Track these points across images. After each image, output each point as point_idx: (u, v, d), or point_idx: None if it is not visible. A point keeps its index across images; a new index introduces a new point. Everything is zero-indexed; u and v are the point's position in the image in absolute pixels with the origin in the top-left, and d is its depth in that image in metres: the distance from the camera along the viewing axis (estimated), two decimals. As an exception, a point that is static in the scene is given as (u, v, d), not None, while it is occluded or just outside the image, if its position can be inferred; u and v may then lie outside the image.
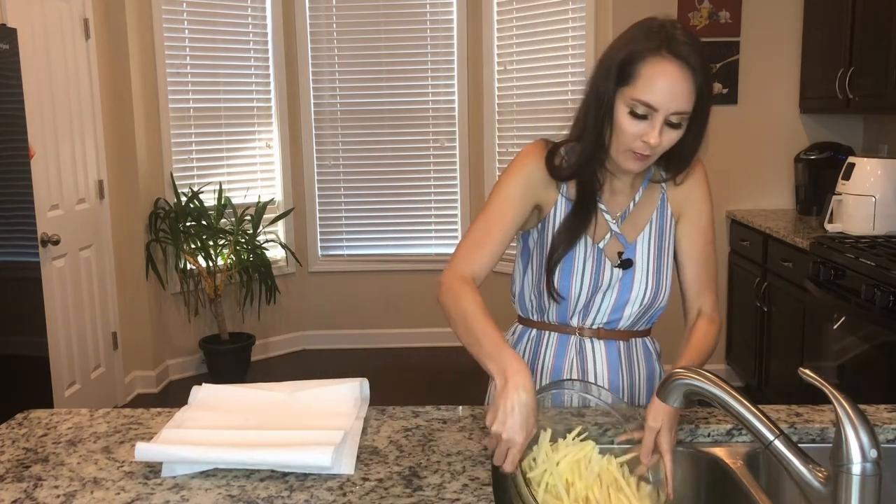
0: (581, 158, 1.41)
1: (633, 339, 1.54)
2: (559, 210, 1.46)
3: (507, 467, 1.15)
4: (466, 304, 1.34)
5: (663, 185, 1.50)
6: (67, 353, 3.71)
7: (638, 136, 1.31)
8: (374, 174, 5.13)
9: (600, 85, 1.34)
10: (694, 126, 1.34)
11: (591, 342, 1.51)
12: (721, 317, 1.54)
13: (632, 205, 1.48)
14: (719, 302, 1.49)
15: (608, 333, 1.51)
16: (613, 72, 1.32)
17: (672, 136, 1.32)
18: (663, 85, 1.27)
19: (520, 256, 1.56)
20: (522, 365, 1.20)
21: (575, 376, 1.52)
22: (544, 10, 4.62)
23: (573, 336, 1.51)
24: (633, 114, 1.30)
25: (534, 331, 1.55)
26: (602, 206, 1.47)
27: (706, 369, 1.06)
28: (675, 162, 1.43)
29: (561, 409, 1.45)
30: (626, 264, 1.46)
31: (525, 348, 1.56)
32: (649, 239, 1.48)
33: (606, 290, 1.47)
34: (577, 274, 1.45)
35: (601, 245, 1.46)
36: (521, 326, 1.59)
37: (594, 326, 1.50)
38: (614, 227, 1.47)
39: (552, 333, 1.53)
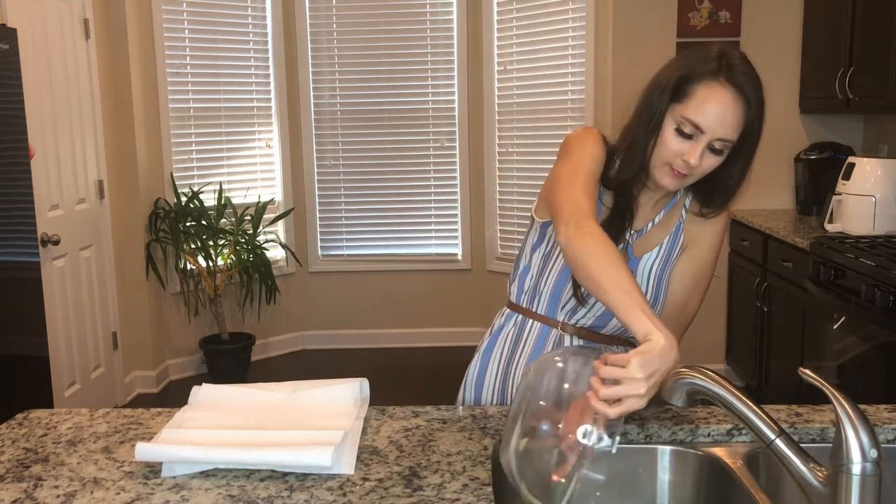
0: (628, 172, 1.42)
1: (615, 347, 1.54)
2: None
3: (612, 412, 1.07)
4: (609, 251, 1.22)
5: (683, 214, 1.50)
6: (67, 353, 3.71)
7: (679, 154, 1.32)
8: (374, 174, 5.13)
9: (654, 98, 1.36)
10: (739, 159, 1.35)
11: (571, 339, 1.52)
12: (720, 317, 1.55)
13: (650, 225, 1.50)
14: (717, 300, 1.48)
15: (589, 334, 1.52)
16: (669, 87, 1.33)
17: (712, 162, 1.33)
18: (714, 109, 1.29)
19: (531, 242, 1.56)
20: (670, 340, 1.12)
21: None
22: (544, 10, 4.62)
23: (555, 330, 1.53)
24: (680, 131, 1.32)
25: (520, 317, 1.58)
26: (630, 227, 1.49)
27: (709, 368, 1.06)
28: (720, 194, 1.43)
29: None
30: None
31: (509, 331, 1.58)
32: (655, 260, 1.49)
33: None
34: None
35: None
36: (508, 310, 1.61)
37: (578, 325, 1.52)
38: (629, 239, 1.48)
39: (536, 323, 1.55)
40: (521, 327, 1.57)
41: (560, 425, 1.12)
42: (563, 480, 1.11)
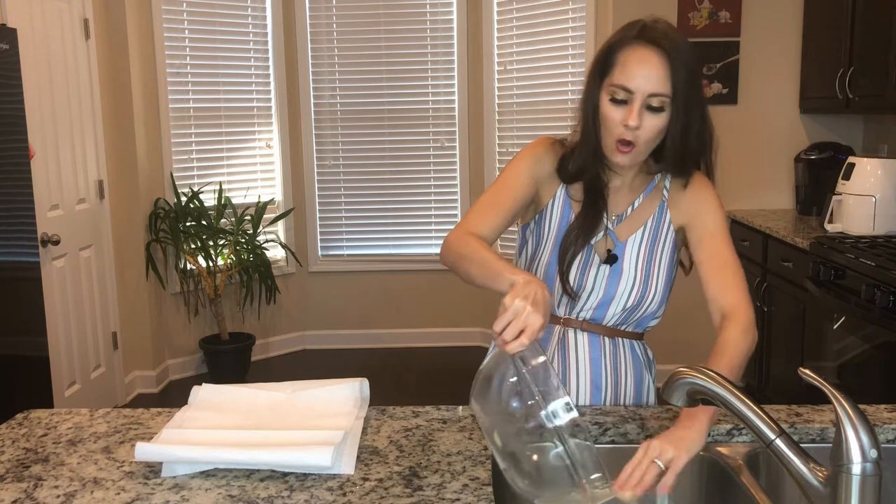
0: (583, 160, 1.46)
1: (620, 339, 1.54)
2: (557, 204, 1.51)
3: (516, 346, 1.12)
4: (472, 245, 1.36)
5: (665, 193, 1.51)
6: (67, 353, 3.71)
7: (620, 121, 1.35)
8: (374, 174, 5.13)
9: (589, 82, 1.42)
10: (682, 115, 1.35)
11: (575, 333, 1.52)
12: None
13: (630, 209, 1.51)
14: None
15: (591, 326, 1.52)
16: (597, 66, 1.40)
17: (655, 122, 1.35)
18: (637, 68, 1.33)
19: (518, 245, 1.60)
20: (538, 282, 1.21)
21: (556, 367, 1.53)
22: (544, 10, 4.62)
23: (557, 326, 1.53)
24: (614, 100, 1.36)
25: None
26: (605, 214, 1.50)
27: (708, 368, 1.06)
28: (672, 159, 1.42)
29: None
30: (612, 259, 1.48)
31: None
32: (641, 241, 1.49)
33: (593, 285, 1.49)
34: (566, 265, 1.48)
35: (592, 242, 1.49)
36: None
37: (580, 318, 1.52)
38: (609, 224, 1.49)
39: None
40: None
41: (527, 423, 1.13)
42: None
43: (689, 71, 1.34)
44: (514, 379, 1.13)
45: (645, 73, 1.32)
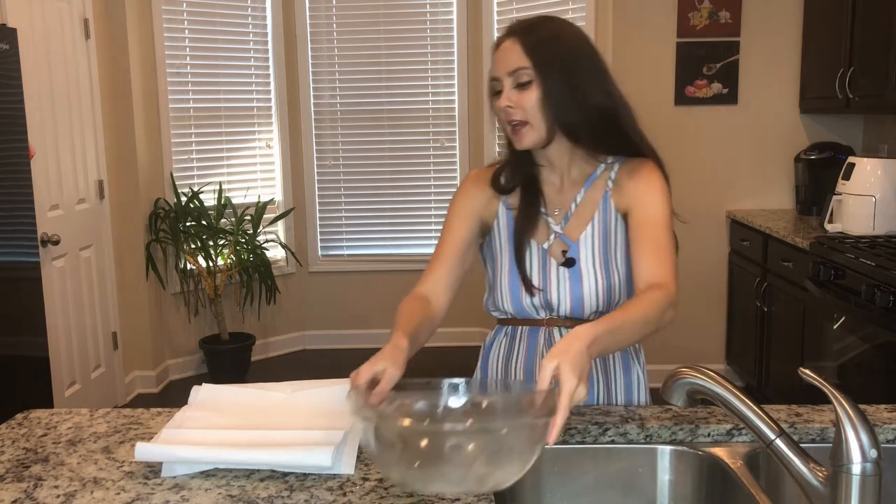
0: (511, 166, 1.53)
1: None
2: (501, 221, 1.55)
3: (377, 397, 1.18)
4: (399, 311, 1.46)
5: (609, 184, 1.51)
6: (67, 353, 3.71)
7: (501, 108, 1.44)
8: (374, 174, 5.13)
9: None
10: (556, 82, 1.40)
11: (560, 331, 1.53)
12: (720, 317, 1.49)
13: (573, 206, 1.52)
14: (717, 300, 1.46)
15: (574, 322, 1.50)
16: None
17: (529, 95, 1.41)
18: (497, 57, 1.46)
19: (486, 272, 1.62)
20: (391, 344, 1.31)
21: None
22: (544, 11, 4.62)
23: (542, 327, 1.54)
24: (494, 93, 1.46)
25: (508, 327, 1.60)
26: (543, 210, 1.52)
27: (709, 368, 1.06)
28: (572, 132, 1.44)
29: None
30: (569, 263, 1.49)
31: (501, 342, 1.60)
32: (593, 235, 1.50)
33: (558, 287, 1.50)
34: (527, 276, 1.51)
35: (545, 246, 1.51)
36: (498, 326, 1.64)
37: (562, 317, 1.52)
38: (556, 229, 1.51)
39: (524, 328, 1.57)
40: (511, 335, 1.59)
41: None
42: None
43: (547, 39, 1.41)
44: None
45: (502, 57, 1.43)
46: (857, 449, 0.90)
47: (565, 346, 1.11)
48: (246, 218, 4.65)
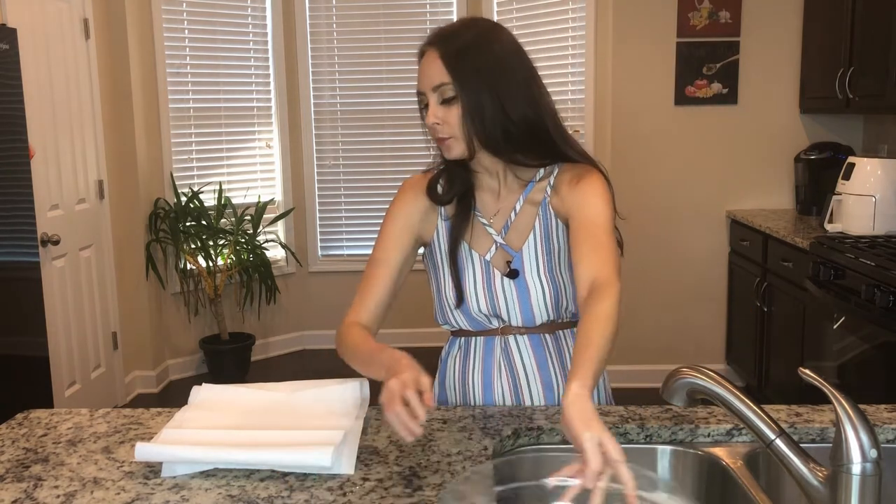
0: (445, 173, 1.51)
1: (560, 332, 1.52)
2: (441, 232, 1.52)
3: (414, 433, 1.12)
4: (351, 338, 1.42)
5: (548, 191, 1.48)
6: (67, 353, 3.71)
7: (429, 125, 1.41)
8: (374, 174, 5.13)
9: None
10: (475, 94, 1.36)
11: (516, 339, 1.51)
12: (720, 317, 1.46)
13: (513, 214, 1.49)
14: (717, 300, 1.45)
15: (529, 329, 1.51)
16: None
17: (454, 111, 1.38)
18: (420, 72, 1.40)
19: (428, 280, 1.59)
20: (398, 352, 1.27)
21: (504, 375, 1.51)
22: (544, 10, 4.62)
23: (497, 337, 1.52)
24: (423, 108, 1.42)
25: (462, 339, 1.57)
26: (483, 220, 1.50)
27: (709, 368, 1.06)
28: (490, 142, 1.40)
29: (560, 408, 1.45)
30: (513, 274, 1.47)
31: (456, 356, 1.57)
32: (536, 243, 1.47)
33: (506, 298, 1.48)
34: (472, 288, 1.48)
35: (488, 257, 1.49)
36: (452, 338, 1.60)
37: (515, 325, 1.51)
38: (498, 239, 1.49)
39: (479, 338, 1.54)
40: (465, 348, 1.56)
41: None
42: None
43: (467, 50, 1.37)
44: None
45: (425, 72, 1.38)
46: (857, 449, 0.90)
47: (583, 416, 1.02)
48: (246, 218, 4.65)
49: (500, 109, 1.38)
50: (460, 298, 1.49)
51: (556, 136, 1.44)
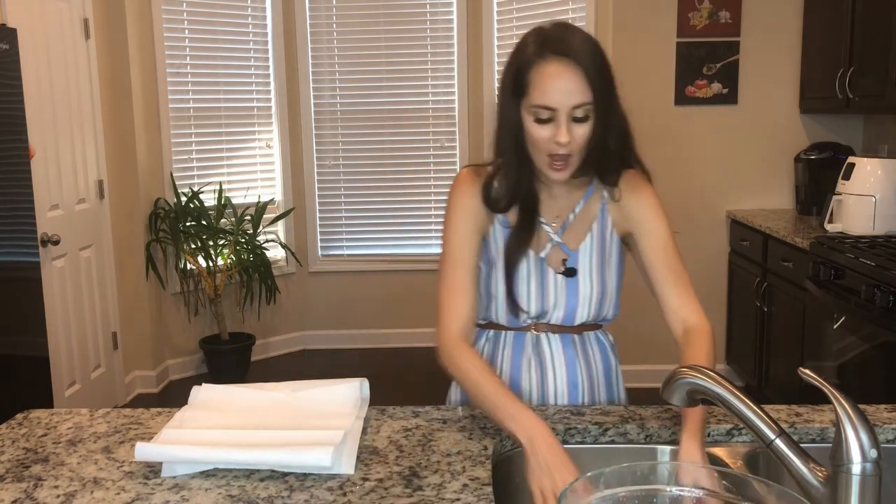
0: (510, 183, 1.44)
1: (587, 333, 1.56)
2: (497, 230, 1.50)
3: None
4: (469, 367, 1.37)
5: (605, 195, 1.50)
6: (67, 353, 3.71)
7: (549, 139, 1.34)
8: (374, 174, 5.13)
9: (504, 104, 1.40)
10: (604, 115, 1.34)
11: (547, 337, 1.52)
12: (720, 317, 1.53)
13: (572, 216, 1.50)
14: (717, 300, 1.47)
15: (562, 328, 1.52)
16: (509, 88, 1.37)
17: (583, 131, 1.34)
18: (553, 85, 1.31)
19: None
20: (539, 420, 1.25)
21: (533, 371, 1.53)
22: (544, 10, 4.62)
23: (529, 333, 1.53)
24: (539, 120, 1.34)
25: (491, 332, 1.57)
26: (542, 219, 1.49)
27: (707, 368, 1.06)
28: (605, 166, 1.42)
29: (560, 408, 1.45)
30: (570, 272, 1.48)
31: (483, 348, 1.58)
32: (591, 246, 1.49)
33: (555, 296, 1.49)
34: (524, 286, 1.48)
35: (543, 255, 1.49)
36: (479, 330, 1.60)
37: (550, 323, 1.52)
38: (555, 238, 1.49)
39: (509, 332, 1.55)
40: (494, 341, 1.56)
41: None
42: None
43: (603, 70, 1.33)
44: None
45: (562, 87, 1.30)
46: (857, 449, 0.90)
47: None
48: (246, 218, 4.65)
49: (616, 126, 1.38)
50: (510, 295, 1.48)
51: (632, 143, 1.45)
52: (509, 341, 1.54)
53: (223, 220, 4.59)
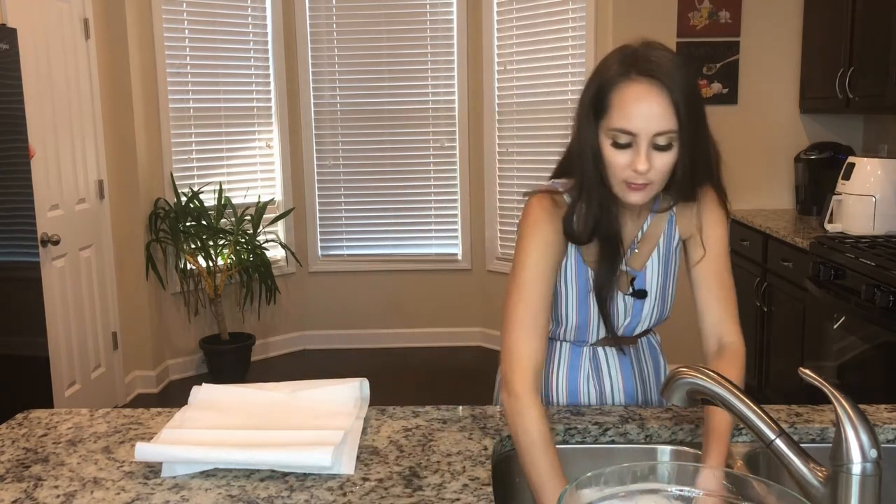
0: (591, 214, 1.34)
1: (640, 340, 1.57)
2: (570, 264, 1.43)
3: None
4: (533, 431, 1.24)
5: (674, 208, 1.45)
6: (67, 353, 3.71)
7: (626, 165, 1.24)
8: (374, 174, 5.13)
9: (582, 124, 1.30)
10: (690, 144, 1.25)
11: (605, 350, 1.52)
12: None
13: (640, 234, 1.44)
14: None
15: (619, 340, 1.51)
16: (589, 106, 1.28)
17: (665, 160, 1.24)
18: (637, 109, 1.21)
19: None
20: None
21: (591, 384, 1.52)
22: (544, 10, 4.62)
23: (586, 347, 1.52)
24: (617, 144, 1.24)
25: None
26: (624, 265, 1.44)
27: (707, 368, 1.06)
28: (678, 187, 1.32)
29: (560, 408, 1.45)
30: (641, 294, 1.45)
31: None
32: (656, 263, 1.46)
33: (625, 314, 1.47)
34: (594, 312, 1.44)
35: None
36: None
37: (612, 337, 1.50)
38: (623, 264, 1.43)
39: (565, 343, 1.52)
40: (549, 353, 1.52)
41: None
42: None
43: (691, 96, 1.23)
44: None
45: (646, 112, 1.20)
46: (857, 449, 0.90)
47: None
48: (246, 218, 4.65)
49: (702, 152, 1.29)
50: (608, 327, 1.45)
51: (720, 171, 1.38)
52: (565, 353, 1.52)
53: (223, 220, 4.59)
